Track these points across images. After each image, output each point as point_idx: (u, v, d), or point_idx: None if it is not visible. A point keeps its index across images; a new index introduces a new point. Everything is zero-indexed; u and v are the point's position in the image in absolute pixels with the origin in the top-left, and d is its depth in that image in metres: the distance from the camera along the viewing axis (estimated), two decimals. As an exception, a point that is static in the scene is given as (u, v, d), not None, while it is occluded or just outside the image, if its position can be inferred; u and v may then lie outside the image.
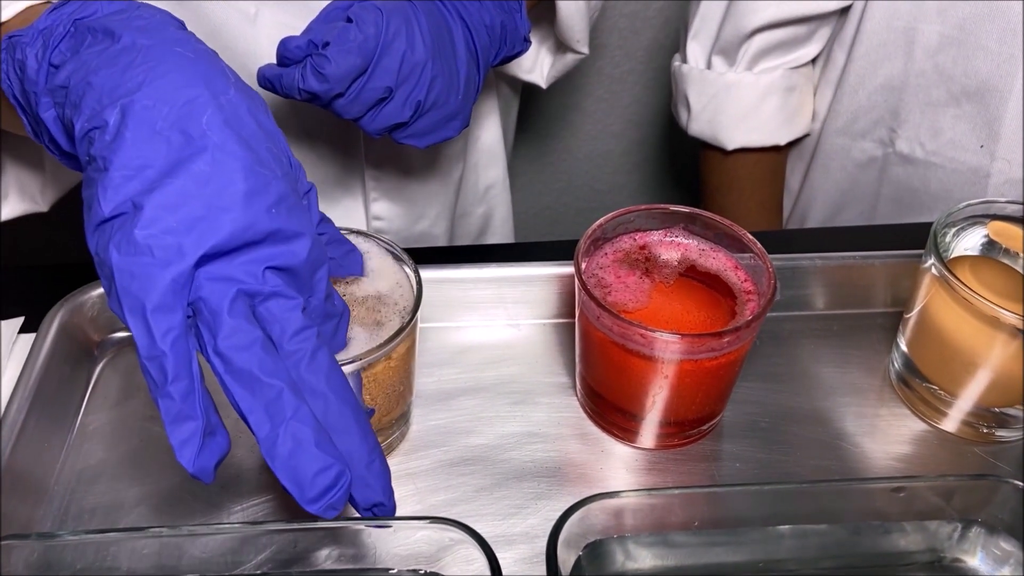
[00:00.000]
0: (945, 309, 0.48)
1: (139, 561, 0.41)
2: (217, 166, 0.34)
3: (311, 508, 0.33)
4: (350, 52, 0.46)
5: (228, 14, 0.58)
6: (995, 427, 0.50)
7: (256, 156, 0.35)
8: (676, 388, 0.46)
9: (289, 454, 0.33)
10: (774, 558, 0.42)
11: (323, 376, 0.35)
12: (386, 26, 0.47)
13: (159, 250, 0.33)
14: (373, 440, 0.36)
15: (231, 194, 0.34)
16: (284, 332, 0.35)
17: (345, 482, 0.34)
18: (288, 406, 0.33)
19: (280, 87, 0.48)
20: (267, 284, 0.35)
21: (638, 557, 0.41)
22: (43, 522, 0.46)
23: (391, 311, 0.45)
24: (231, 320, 0.33)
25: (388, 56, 0.47)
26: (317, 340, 0.35)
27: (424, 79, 0.49)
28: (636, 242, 0.50)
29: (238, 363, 0.33)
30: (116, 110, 0.35)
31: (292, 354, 0.35)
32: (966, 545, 0.42)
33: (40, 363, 0.50)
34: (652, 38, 1.15)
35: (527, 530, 0.46)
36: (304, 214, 0.37)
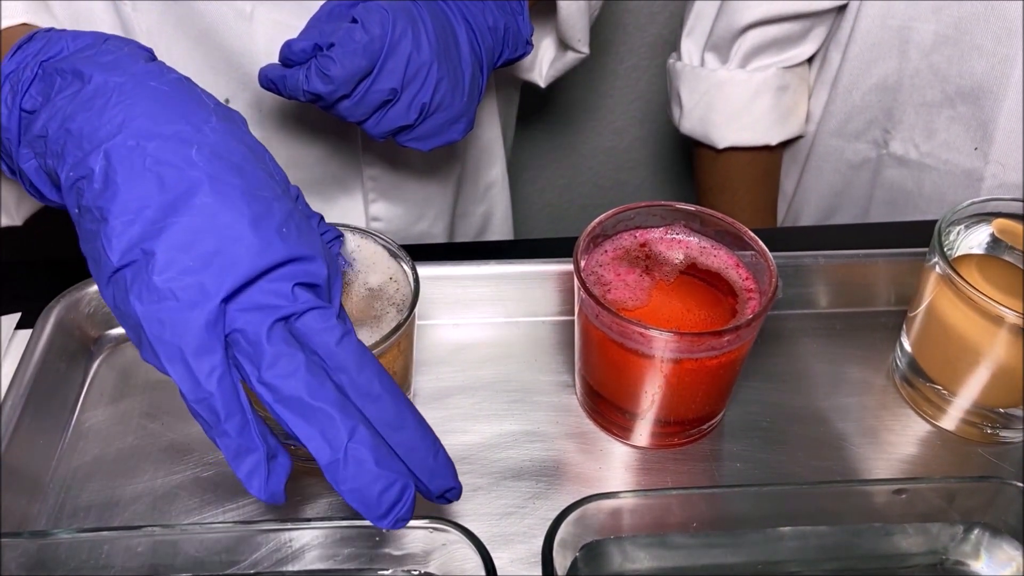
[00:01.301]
0: (950, 308, 0.47)
1: (133, 560, 0.40)
2: (217, 197, 0.34)
3: (381, 524, 0.34)
4: (355, 54, 0.45)
5: (223, 13, 0.57)
6: (999, 428, 0.49)
7: (252, 180, 0.35)
8: (676, 387, 0.46)
9: (353, 477, 0.33)
10: (773, 560, 0.42)
11: (375, 379, 0.35)
12: (392, 26, 0.46)
13: (183, 292, 0.32)
14: (430, 430, 0.36)
15: (239, 223, 0.33)
16: (327, 343, 0.34)
17: (409, 494, 0.34)
18: (344, 429, 0.33)
19: (284, 88, 0.48)
20: (298, 301, 0.34)
21: (636, 558, 0.41)
22: (38, 519, 0.46)
23: (388, 308, 0.45)
24: (272, 348, 0.33)
25: (394, 57, 0.47)
26: (359, 344, 0.35)
27: (430, 81, 0.49)
28: (636, 239, 0.50)
29: (286, 391, 0.33)
30: (100, 156, 0.34)
31: (341, 363, 0.35)
32: (968, 547, 0.41)
33: (36, 359, 0.50)
34: (656, 34, 1.14)
35: (524, 530, 0.45)
36: (308, 226, 0.37)
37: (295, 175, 0.67)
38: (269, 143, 0.65)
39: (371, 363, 0.35)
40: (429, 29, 0.48)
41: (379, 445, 0.34)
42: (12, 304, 0.56)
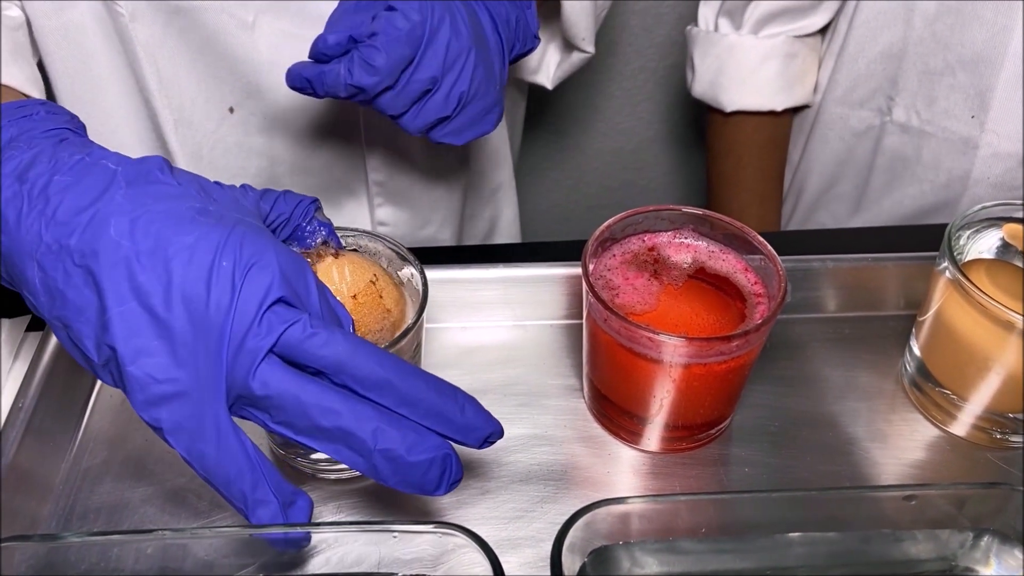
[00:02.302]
0: (959, 313, 0.47)
1: (143, 562, 0.40)
2: None
3: (438, 494, 0.36)
4: (399, 41, 0.44)
5: (225, 22, 0.57)
6: (1009, 433, 0.49)
7: (176, 231, 0.35)
8: (684, 392, 0.46)
9: (393, 473, 0.35)
10: (782, 566, 0.41)
11: (376, 367, 0.35)
12: (431, 12, 0.45)
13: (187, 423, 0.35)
14: (449, 387, 0.37)
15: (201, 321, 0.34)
16: (316, 353, 0.35)
17: (451, 461, 0.36)
18: (367, 436, 0.35)
19: (322, 86, 0.46)
20: (272, 329, 0.35)
21: (644, 564, 0.41)
22: (48, 521, 0.46)
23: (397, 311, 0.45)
24: (269, 393, 0.35)
25: (434, 44, 0.45)
26: (346, 337, 0.36)
27: (467, 68, 0.47)
28: (645, 243, 0.50)
29: (301, 424, 0.35)
30: (34, 266, 0.36)
31: (336, 366, 0.35)
32: (978, 554, 0.41)
33: (46, 362, 0.50)
34: (664, 35, 1.14)
35: (532, 534, 0.45)
36: (253, 233, 0.36)
37: (300, 181, 0.67)
38: (273, 150, 0.65)
39: (365, 353, 0.35)
40: (463, 16, 0.47)
41: (406, 433, 0.35)
42: (22, 307, 0.56)
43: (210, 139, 0.63)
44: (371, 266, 0.45)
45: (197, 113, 0.61)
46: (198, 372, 0.34)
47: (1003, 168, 0.73)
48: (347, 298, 0.43)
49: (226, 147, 0.64)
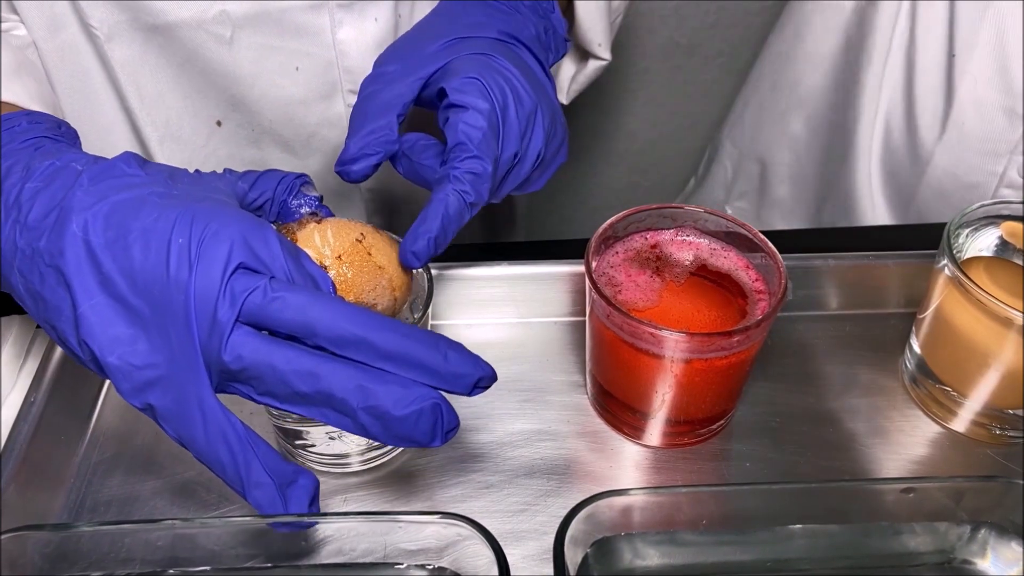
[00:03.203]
0: (959, 310, 0.47)
1: (153, 553, 0.41)
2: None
3: (434, 445, 0.35)
4: (487, 139, 0.42)
5: (203, 39, 0.56)
6: (1008, 429, 0.50)
7: (136, 222, 0.35)
8: (686, 387, 0.46)
9: (384, 430, 0.34)
10: (783, 558, 0.42)
11: (348, 323, 0.34)
12: (492, 92, 0.43)
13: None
14: (429, 336, 0.35)
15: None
16: (281, 318, 0.34)
17: (443, 409, 0.35)
18: (348, 394, 0.34)
19: (454, 222, 0.42)
20: (236, 298, 0.34)
21: (646, 555, 0.41)
22: (60, 514, 0.47)
23: (402, 308, 0.45)
24: (244, 365, 0.34)
25: (507, 122, 0.44)
26: (312, 296, 0.35)
27: (539, 127, 0.46)
28: (647, 241, 0.50)
29: (283, 392, 0.35)
30: (15, 273, 0.37)
31: (304, 328, 0.34)
32: (976, 547, 0.42)
33: (58, 357, 0.51)
34: (668, 36, 1.14)
35: (536, 527, 0.46)
36: (214, 208, 0.36)
37: None
38: (265, 162, 0.65)
39: (333, 311, 0.34)
40: (515, 73, 0.45)
41: (390, 388, 0.34)
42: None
43: (201, 153, 0.62)
44: (358, 226, 0.43)
45: (185, 128, 0.61)
46: (174, 354, 0.34)
47: (977, 115, 0.71)
48: (332, 260, 0.41)
49: (218, 160, 0.64)
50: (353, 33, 0.58)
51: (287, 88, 0.59)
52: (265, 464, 0.35)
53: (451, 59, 0.45)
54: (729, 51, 1.18)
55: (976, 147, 0.72)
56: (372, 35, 0.59)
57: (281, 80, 0.59)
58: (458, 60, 0.45)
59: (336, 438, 0.47)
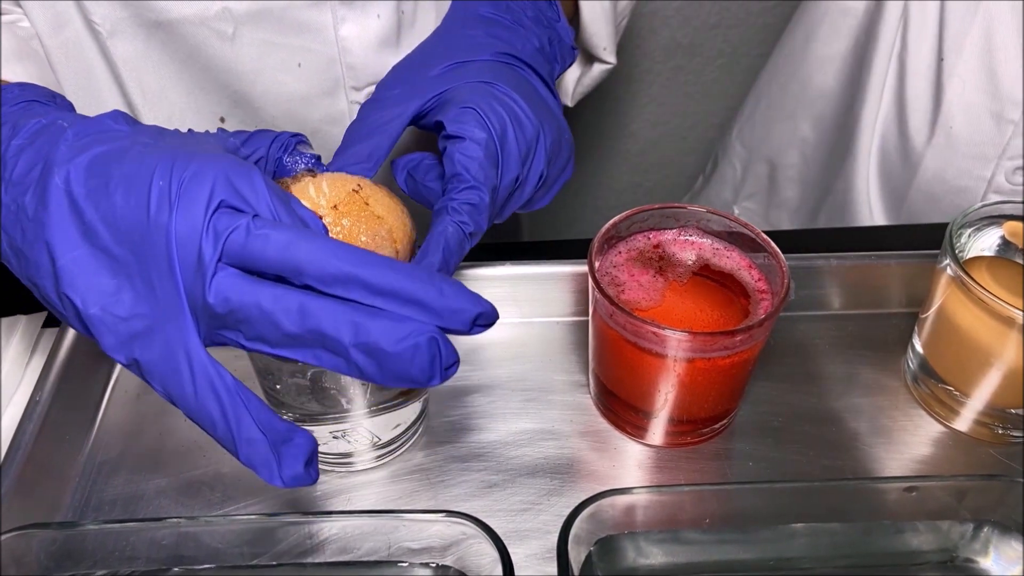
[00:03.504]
0: (961, 310, 0.48)
1: (158, 552, 0.41)
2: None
3: (433, 384, 0.33)
4: (484, 169, 0.42)
5: (205, 35, 0.56)
6: (1011, 428, 0.50)
7: (118, 168, 0.34)
8: (689, 386, 0.46)
9: (380, 370, 0.32)
10: (785, 556, 0.42)
11: (335, 259, 0.32)
12: (489, 120, 0.43)
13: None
14: (423, 271, 0.33)
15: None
16: (265, 256, 0.33)
17: (440, 343, 0.32)
18: (339, 331, 0.32)
19: (455, 254, 0.41)
20: (219, 236, 0.33)
21: (649, 553, 0.42)
22: (65, 513, 0.47)
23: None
24: (231, 308, 0.33)
25: (507, 149, 0.44)
26: (297, 233, 0.33)
27: (541, 149, 0.46)
28: (650, 241, 0.50)
29: (273, 335, 0.33)
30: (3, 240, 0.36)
31: (290, 267, 0.33)
32: (978, 545, 0.42)
33: (63, 357, 0.51)
34: (670, 37, 1.15)
35: (539, 526, 0.46)
36: (197, 151, 0.35)
37: None
38: None
39: (319, 247, 0.33)
40: (516, 98, 0.45)
41: (382, 323, 0.32)
42: (38, 304, 0.57)
43: None
44: (355, 179, 0.42)
45: (188, 125, 0.61)
46: (159, 302, 0.33)
47: (965, 119, 0.71)
48: (328, 210, 0.40)
49: None
50: (356, 30, 0.58)
51: (289, 85, 0.59)
52: (257, 419, 0.34)
53: (449, 87, 0.45)
54: (731, 52, 1.19)
55: (964, 151, 0.72)
56: (375, 32, 0.59)
57: (283, 77, 0.59)
58: (456, 89, 0.45)
59: (339, 437, 0.47)
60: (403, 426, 0.48)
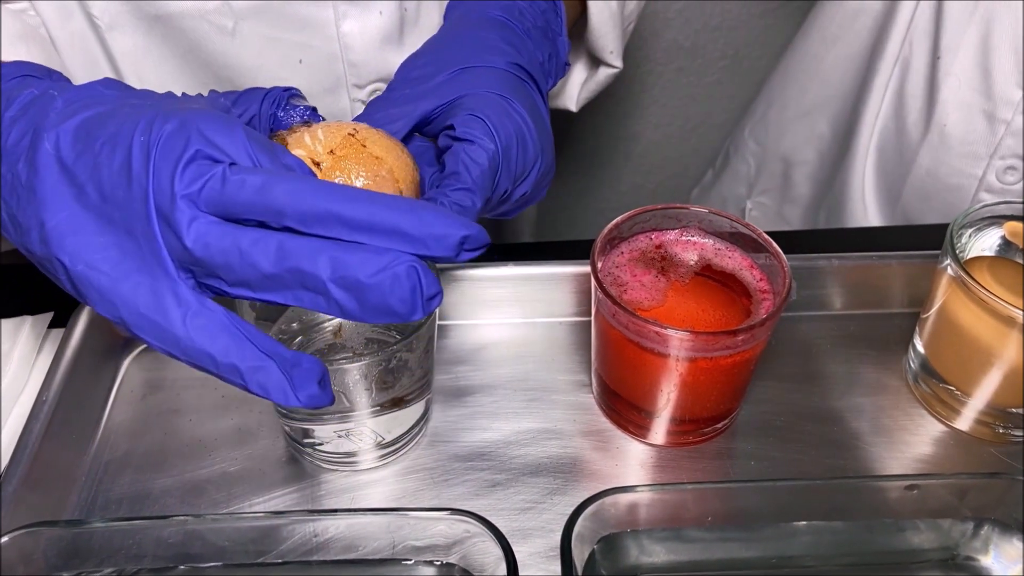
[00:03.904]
0: (962, 310, 0.48)
1: (164, 550, 0.42)
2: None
3: (415, 318, 0.32)
4: (484, 176, 0.41)
5: (205, 29, 0.56)
6: (1011, 427, 0.50)
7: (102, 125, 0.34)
8: (691, 386, 0.47)
9: (358, 303, 0.32)
10: (787, 554, 0.42)
11: (312, 196, 0.32)
12: (498, 134, 0.42)
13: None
14: (406, 201, 0.32)
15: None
16: (242, 199, 0.32)
17: (417, 272, 0.32)
18: (317, 267, 0.32)
19: (436, 249, 0.39)
20: (195, 186, 0.32)
21: (652, 552, 0.42)
22: (72, 512, 0.47)
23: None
24: (216, 254, 0.32)
25: (507, 167, 0.43)
26: (273, 174, 0.33)
27: (533, 174, 0.45)
28: (652, 241, 0.51)
29: (253, 277, 0.33)
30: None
31: (267, 208, 0.32)
32: (979, 543, 0.42)
33: (69, 357, 0.51)
34: (671, 39, 1.15)
35: (542, 524, 0.46)
36: (178, 107, 0.35)
37: None
38: None
39: (293, 187, 0.32)
40: (526, 117, 0.44)
41: (361, 256, 0.32)
42: (45, 304, 0.58)
43: None
44: (350, 124, 0.41)
45: None
46: (143, 255, 0.33)
47: (958, 117, 0.72)
48: (325, 155, 0.39)
49: None
50: (357, 26, 0.58)
51: (290, 81, 0.59)
52: (261, 346, 0.33)
53: (463, 95, 0.44)
54: (732, 53, 1.19)
55: (957, 149, 0.73)
56: (377, 28, 0.59)
57: (284, 73, 0.59)
58: (471, 97, 0.44)
59: (343, 436, 0.47)
60: (406, 425, 0.49)
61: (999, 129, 0.71)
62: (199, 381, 0.54)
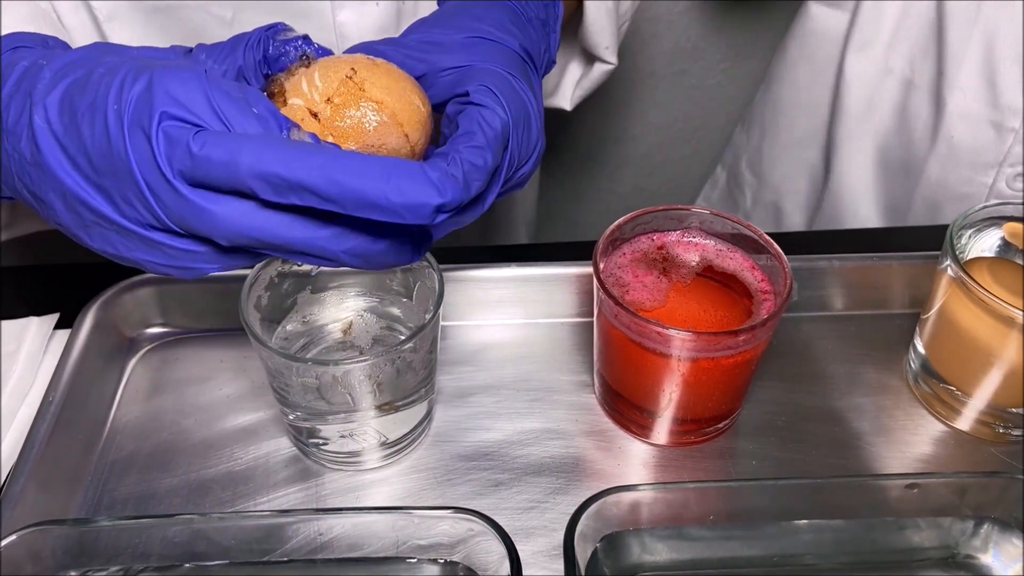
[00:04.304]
0: (962, 310, 0.48)
1: (170, 549, 0.42)
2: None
3: (417, 218, 0.31)
4: (497, 141, 0.39)
5: (204, 19, 0.57)
6: (1011, 427, 0.50)
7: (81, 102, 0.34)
8: (692, 386, 0.47)
9: (351, 250, 0.33)
10: (789, 552, 0.43)
11: (279, 171, 0.31)
12: (509, 108, 0.40)
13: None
14: (378, 166, 0.31)
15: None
16: (216, 174, 0.32)
17: (408, 247, 0.34)
18: (291, 241, 0.33)
19: (410, 212, 0.36)
20: (170, 157, 0.33)
21: (654, 550, 0.42)
22: (78, 511, 0.47)
23: (414, 306, 0.46)
24: (205, 230, 0.33)
25: (514, 141, 0.41)
26: (244, 148, 0.32)
27: (529, 165, 0.43)
28: (654, 242, 0.51)
29: (245, 244, 0.34)
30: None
31: (242, 184, 0.32)
32: (978, 542, 0.42)
33: (75, 358, 0.51)
34: (673, 42, 1.15)
35: (545, 524, 0.46)
36: (147, 67, 0.34)
37: None
38: None
39: (260, 163, 0.31)
40: (531, 99, 0.42)
41: (334, 231, 0.33)
42: (51, 305, 0.58)
43: None
44: (349, 60, 0.38)
45: None
46: (143, 219, 0.34)
47: (966, 128, 0.72)
48: (322, 105, 0.36)
49: None
50: (354, 16, 0.58)
51: None
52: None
53: (476, 64, 0.42)
54: (734, 56, 1.19)
55: (966, 159, 0.74)
56: (373, 18, 0.59)
57: None
58: (484, 72, 0.42)
59: (347, 436, 0.48)
60: (410, 425, 0.49)
61: (1007, 138, 0.71)
62: (204, 381, 0.54)
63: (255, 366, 0.55)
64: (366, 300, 0.51)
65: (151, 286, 0.56)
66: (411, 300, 0.50)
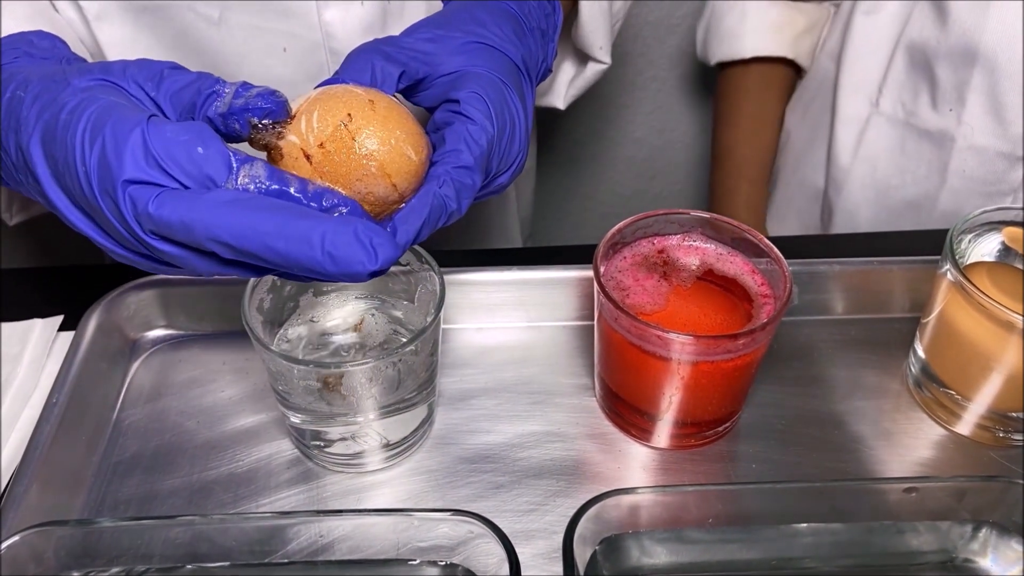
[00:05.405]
0: (961, 314, 0.48)
1: (172, 550, 0.42)
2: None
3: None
4: (483, 156, 0.40)
5: (192, 19, 0.57)
6: (1011, 431, 0.50)
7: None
8: (693, 389, 0.47)
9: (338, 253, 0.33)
10: (788, 556, 0.43)
11: (226, 238, 0.33)
12: (496, 118, 0.41)
13: None
14: (313, 232, 0.33)
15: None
16: (179, 236, 0.34)
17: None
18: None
19: (426, 233, 0.39)
20: (137, 211, 0.34)
21: (653, 553, 0.42)
22: (81, 512, 0.48)
23: (415, 311, 0.46)
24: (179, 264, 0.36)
25: (496, 153, 0.42)
26: (196, 215, 0.33)
27: (509, 173, 0.44)
28: (654, 246, 0.51)
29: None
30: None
31: (201, 245, 0.34)
32: (977, 546, 0.42)
33: (78, 360, 0.52)
34: (675, 45, 1.16)
35: (545, 526, 0.47)
36: (105, 116, 0.35)
37: None
38: None
39: (212, 227, 0.33)
40: (521, 117, 0.43)
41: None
42: (55, 307, 0.58)
43: None
44: (349, 103, 0.37)
45: None
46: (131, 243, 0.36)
47: (978, 161, 0.74)
48: (315, 149, 0.37)
49: None
50: (339, 15, 0.58)
51: (275, 69, 0.60)
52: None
53: (472, 70, 0.43)
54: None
55: (979, 190, 0.75)
56: (359, 17, 0.59)
57: (269, 61, 0.59)
58: (478, 78, 0.43)
59: (349, 438, 0.48)
60: (411, 427, 0.49)
61: (1019, 167, 0.73)
62: (207, 383, 0.54)
63: (257, 368, 0.55)
64: (368, 303, 0.52)
65: (154, 288, 0.56)
66: (413, 303, 0.51)
